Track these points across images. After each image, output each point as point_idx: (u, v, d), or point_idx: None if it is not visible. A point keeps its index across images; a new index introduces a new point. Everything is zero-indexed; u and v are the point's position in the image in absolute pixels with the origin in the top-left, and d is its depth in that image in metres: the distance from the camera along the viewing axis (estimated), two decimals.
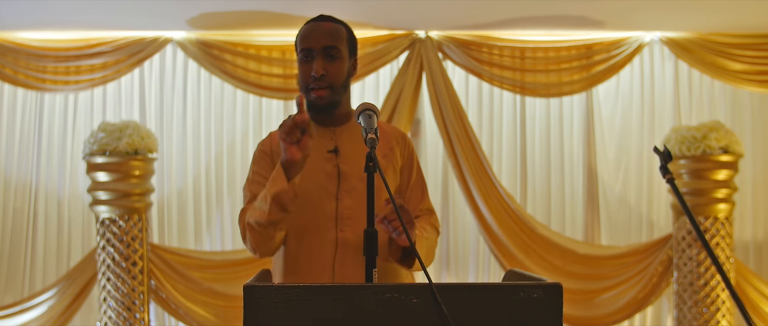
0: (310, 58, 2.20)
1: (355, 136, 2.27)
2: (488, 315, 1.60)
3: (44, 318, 4.88)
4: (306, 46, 2.21)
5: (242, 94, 5.22)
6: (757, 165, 5.38)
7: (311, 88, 2.19)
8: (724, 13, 4.74)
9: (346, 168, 2.23)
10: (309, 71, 2.19)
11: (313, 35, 2.21)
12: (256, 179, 2.24)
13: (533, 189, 5.31)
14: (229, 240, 5.19)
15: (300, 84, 2.24)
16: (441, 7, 4.58)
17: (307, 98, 2.20)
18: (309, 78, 2.20)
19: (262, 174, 2.23)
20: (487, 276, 5.29)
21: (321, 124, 2.28)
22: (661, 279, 5.04)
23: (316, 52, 2.20)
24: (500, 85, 5.17)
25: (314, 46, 2.20)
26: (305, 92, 2.21)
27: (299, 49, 2.23)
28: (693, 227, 1.68)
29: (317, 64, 2.18)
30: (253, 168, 2.28)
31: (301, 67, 2.22)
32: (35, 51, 4.97)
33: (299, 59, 2.23)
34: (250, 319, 1.59)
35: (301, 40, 2.24)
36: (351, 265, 2.15)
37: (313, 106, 2.21)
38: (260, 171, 2.24)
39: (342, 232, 2.17)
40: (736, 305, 1.82)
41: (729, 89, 5.36)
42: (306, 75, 2.20)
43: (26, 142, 5.17)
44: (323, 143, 2.25)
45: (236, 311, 4.85)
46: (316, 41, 2.20)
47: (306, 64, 2.21)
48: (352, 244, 2.16)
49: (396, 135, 2.36)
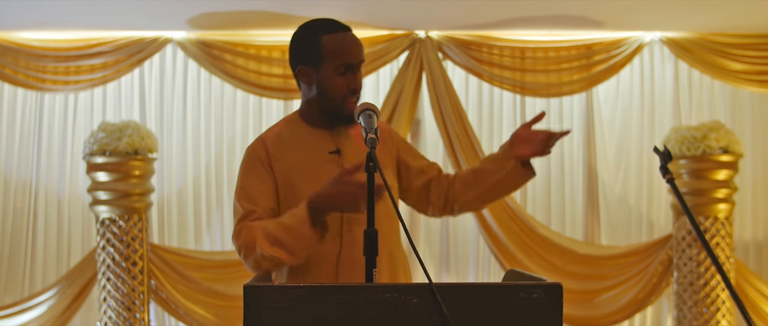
0: (349, 71, 2.21)
1: (352, 136, 2.29)
2: (488, 315, 1.60)
3: (44, 318, 4.88)
4: (349, 62, 2.20)
5: (242, 94, 5.22)
6: (757, 165, 5.38)
7: (347, 100, 2.21)
8: (724, 13, 4.74)
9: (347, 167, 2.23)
10: (346, 84, 2.20)
11: (355, 50, 2.23)
12: (254, 191, 2.18)
13: (533, 190, 5.31)
14: (229, 240, 5.19)
15: (330, 94, 2.21)
16: (441, 7, 4.57)
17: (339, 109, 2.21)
18: (345, 90, 2.21)
19: (260, 187, 2.19)
20: (487, 276, 5.28)
21: (317, 126, 2.27)
22: (661, 279, 5.04)
23: (356, 67, 2.22)
24: (500, 85, 5.17)
25: (355, 61, 2.22)
26: (340, 103, 2.21)
27: (338, 62, 2.19)
28: (693, 227, 1.68)
29: (358, 79, 2.23)
30: (247, 180, 2.22)
31: (335, 79, 2.20)
32: (35, 51, 4.97)
33: (334, 71, 2.20)
34: (250, 319, 1.59)
35: (339, 52, 2.20)
36: (357, 265, 2.15)
37: (344, 116, 2.22)
38: (257, 184, 2.19)
39: (348, 233, 2.18)
40: (736, 305, 1.82)
41: (729, 89, 5.35)
42: (342, 87, 2.20)
43: (26, 142, 5.17)
44: (323, 144, 2.25)
45: (236, 311, 4.85)
46: (357, 56, 2.23)
47: (343, 76, 2.20)
48: (357, 244, 2.14)
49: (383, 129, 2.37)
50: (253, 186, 2.20)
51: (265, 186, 2.20)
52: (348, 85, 2.20)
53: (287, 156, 2.23)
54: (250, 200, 2.17)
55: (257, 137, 2.31)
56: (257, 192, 2.18)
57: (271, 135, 2.29)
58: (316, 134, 2.26)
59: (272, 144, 2.25)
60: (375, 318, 1.58)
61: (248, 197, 2.18)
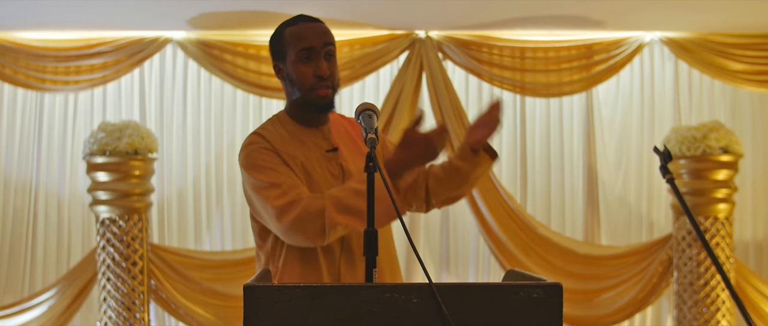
0: (311, 58, 2.15)
1: (341, 133, 2.28)
2: (488, 315, 1.60)
3: (44, 318, 4.88)
4: (307, 45, 2.14)
5: (242, 94, 5.22)
6: (757, 165, 5.38)
7: (316, 87, 2.15)
8: (724, 13, 4.74)
9: (347, 165, 2.22)
10: (311, 71, 2.15)
11: (313, 34, 2.16)
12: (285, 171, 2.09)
13: (533, 189, 5.31)
14: (229, 240, 5.19)
15: (298, 84, 2.17)
16: (441, 7, 4.58)
17: (309, 98, 2.16)
18: (312, 78, 2.15)
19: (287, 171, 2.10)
20: (487, 276, 5.28)
21: (310, 125, 2.23)
22: (661, 279, 5.04)
23: (319, 51, 2.16)
24: (500, 85, 5.17)
25: (316, 44, 2.15)
26: (308, 92, 2.16)
27: (297, 48, 2.15)
28: (693, 227, 1.68)
29: (324, 64, 2.15)
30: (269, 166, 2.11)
31: (300, 67, 2.15)
32: (35, 51, 4.97)
33: (295, 59, 2.16)
34: (250, 319, 1.59)
35: (297, 39, 2.16)
36: (358, 264, 2.15)
37: (317, 105, 2.17)
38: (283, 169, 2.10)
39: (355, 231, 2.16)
40: (736, 305, 1.82)
41: (729, 89, 5.36)
42: (308, 75, 2.15)
43: (26, 142, 5.17)
44: (319, 143, 2.23)
45: (236, 311, 4.85)
46: (317, 40, 2.16)
47: (306, 63, 2.15)
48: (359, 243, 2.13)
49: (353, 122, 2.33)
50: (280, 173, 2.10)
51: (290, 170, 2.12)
52: (314, 71, 2.15)
53: (292, 151, 2.17)
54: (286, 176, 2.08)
55: (252, 134, 2.21)
56: (287, 171, 2.10)
57: (268, 132, 2.20)
58: (309, 133, 2.23)
59: (273, 140, 2.18)
60: (375, 318, 1.58)
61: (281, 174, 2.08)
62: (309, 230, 2.01)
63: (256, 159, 2.12)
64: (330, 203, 2.00)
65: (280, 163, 2.12)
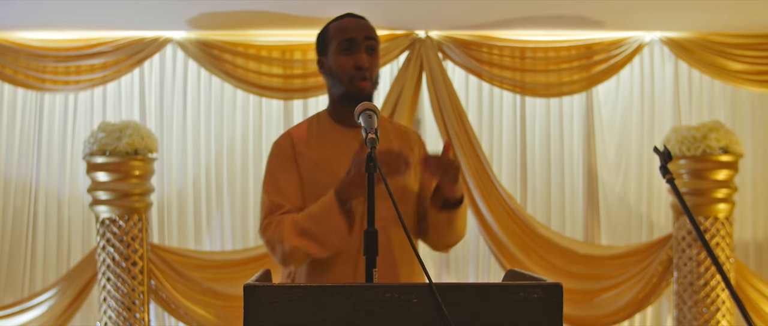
0: (352, 49, 2.20)
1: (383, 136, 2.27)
2: (488, 315, 1.60)
3: (44, 318, 4.87)
4: (348, 37, 2.21)
5: (242, 94, 5.22)
6: (757, 165, 5.38)
7: (356, 78, 2.19)
8: (724, 13, 4.74)
9: None
10: (352, 62, 2.19)
11: (355, 27, 2.23)
12: (284, 185, 2.19)
13: (533, 189, 5.31)
14: (229, 240, 5.19)
15: (338, 74, 2.21)
16: (441, 7, 4.57)
17: (348, 89, 2.20)
18: (352, 69, 2.19)
19: (289, 181, 2.19)
20: (487, 276, 5.29)
21: (348, 124, 2.23)
22: (661, 279, 5.03)
23: (359, 43, 2.21)
24: (500, 85, 5.17)
25: (358, 36, 2.21)
26: (348, 83, 2.20)
27: (338, 40, 2.21)
28: (693, 227, 1.68)
29: (364, 55, 2.20)
30: (276, 174, 2.21)
31: (340, 59, 2.21)
32: (35, 51, 4.97)
33: (337, 50, 2.21)
34: (250, 319, 1.59)
35: (339, 31, 2.23)
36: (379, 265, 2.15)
37: (356, 97, 2.18)
38: (286, 178, 2.20)
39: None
40: (736, 305, 1.82)
41: (729, 89, 5.36)
42: (348, 66, 2.20)
43: (26, 142, 5.17)
44: (349, 142, 2.21)
45: (236, 311, 4.85)
46: (359, 32, 2.22)
47: (347, 55, 2.20)
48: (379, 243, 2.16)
49: (413, 136, 2.39)
50: (283, 180, 2.20)
51: (294, 181, 2.20)
52: (353, 62, 2.19)
53: (312, 152, 2.23)
54: (280, 193, 2.18)
55: (285, 131, 2.32)
56: (287, 186, 2.19)
57: (298, 131, 2.29)
58: (343, 131, 2.25)
59: (298, 140, 2.25)
60: (375, 318, 1.58)
61: (278, 190, 2.18)
62: (276, 254, 2.12)
63: (270, 164, 2.25)
64: (289, 228, 2.07)
65: (287, 170, 2.20)
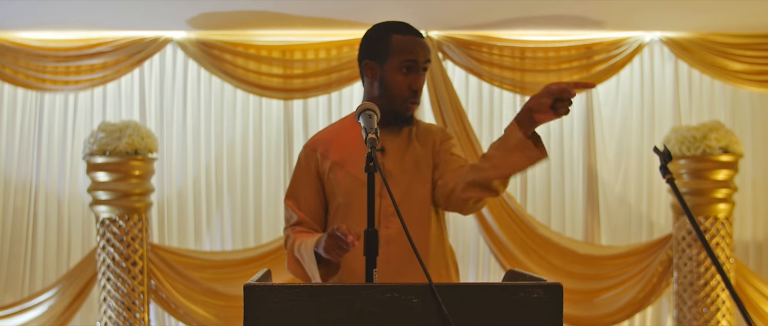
0: (411, 70, 2.23)
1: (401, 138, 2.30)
2: (488, 315, 1.60)
3: (44, 318, 4.87)
4: (413, 58, 2.22)
5: (242, 94, 5.22)
6: (757, 165, 5.38)
7: (409, 100, 2.24)
8: (724, 13, 4.74)
9: (390, 166, 2.25)
10: (408, 83, 2.23)
11: (420, 49, 2.24)
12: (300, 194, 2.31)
13: (533, 189, 5.31)
14: (229, 240, 5.19)
15: (393, 90, 2.23)
16: (441, 7, 4.57)
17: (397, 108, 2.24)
18: (408, 91, 2.23)
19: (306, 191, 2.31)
20: (487, 276, 5.28)
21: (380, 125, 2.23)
22: (661, 279, 5.03)
23: (420, 65, 2.24)
24: (500, 85, 5.18)
25: (420, 59, 2.24)
26: (400, 103, 2.24)
27: (403, 58, 2.22)
28: (693, 227, 1.68)
29: (421, 79, 2.24)
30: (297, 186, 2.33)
31: (399, 77, 2.22)
32: (35, 51, 4.97)
33: (398, 67, 2.22)
34: (250, 319, 1.59)
35: (404, 49, 2.22)
36: (395, 262, 2.17)
37: (402, 117, 2.26)
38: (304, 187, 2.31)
39: (386, 229, 2.20)
40: (736, 305, 1.82)
41: (729, 89, 5.35)
42: (405, 87, 2.23)
43: (26, 142, 5.17)
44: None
45: (236, 311, 4.85)
46: (423, 55, 2.24)
47: (407, 75, 2.23)
48: (395, 241, 2.19)
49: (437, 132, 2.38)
50: (301, 188, 2.32)
51: (311, 194, 2.30)
52: (410, 84, 2.22)
53: (334, 152, 2.29)
54: (297, 202, 2.31)
55: (315, 134, 2.40)
56: (303, 196, 2.31)
57: (324, 133, 2.37)
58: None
59: (321, 142, 2.32)
60: (375, 318, 1.58)
61: (295, 198, 2.32)
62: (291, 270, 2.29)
63: (294, 171, 2.37)
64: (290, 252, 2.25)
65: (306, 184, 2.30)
